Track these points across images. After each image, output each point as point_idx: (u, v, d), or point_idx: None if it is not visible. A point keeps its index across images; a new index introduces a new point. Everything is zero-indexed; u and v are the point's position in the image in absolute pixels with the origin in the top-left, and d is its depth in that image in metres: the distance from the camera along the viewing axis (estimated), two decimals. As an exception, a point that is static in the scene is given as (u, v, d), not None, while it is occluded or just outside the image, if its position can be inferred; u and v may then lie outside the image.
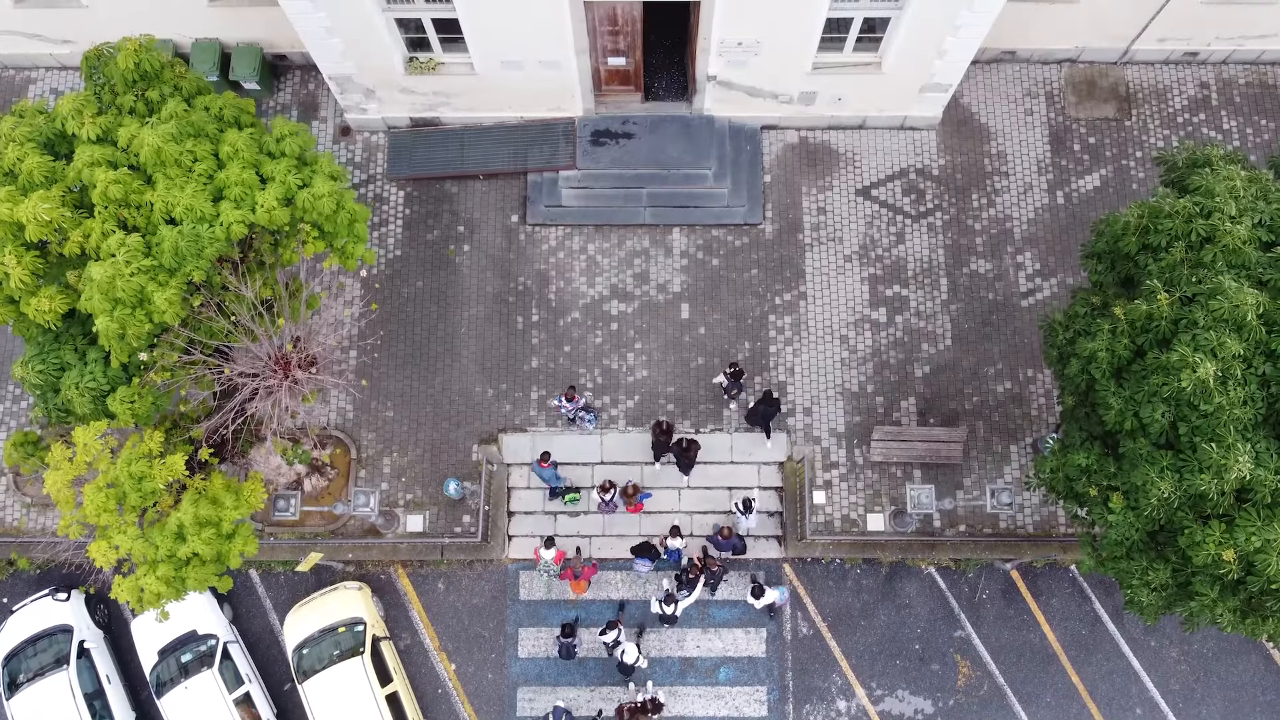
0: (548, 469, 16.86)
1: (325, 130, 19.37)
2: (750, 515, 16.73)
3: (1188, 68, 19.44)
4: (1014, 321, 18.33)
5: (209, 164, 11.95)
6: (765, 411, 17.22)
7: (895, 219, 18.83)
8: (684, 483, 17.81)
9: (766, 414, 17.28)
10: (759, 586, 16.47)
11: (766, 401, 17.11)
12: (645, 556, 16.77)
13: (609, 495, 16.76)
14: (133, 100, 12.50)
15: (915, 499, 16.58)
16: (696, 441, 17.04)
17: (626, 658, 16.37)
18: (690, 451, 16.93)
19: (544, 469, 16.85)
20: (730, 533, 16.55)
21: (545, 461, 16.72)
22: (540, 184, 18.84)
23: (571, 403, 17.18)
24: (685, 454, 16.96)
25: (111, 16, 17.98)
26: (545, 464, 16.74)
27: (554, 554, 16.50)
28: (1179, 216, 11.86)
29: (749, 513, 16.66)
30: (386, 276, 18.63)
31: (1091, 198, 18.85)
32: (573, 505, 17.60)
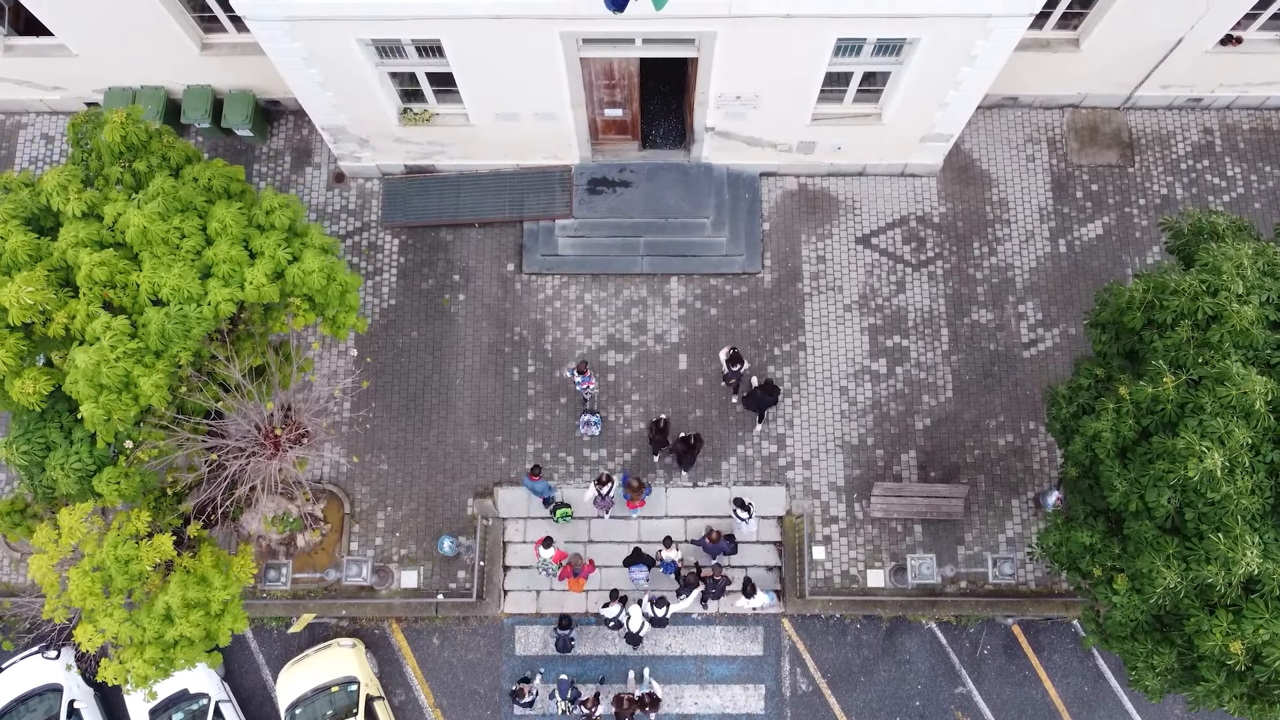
0: (539, 481, 16.66)
1: (319, 176, 19.14)
2: (750, 519, 16.51)
3: (1191, 113, 19.22)
4: (1015, 373, 18.12)
5: (197, 240, 11.73)
6: (763, 399, 17.10)
7: (895, 268, 18.61)
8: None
9: (764, 401, 17.16)
10: (750, 585, 16.07)
11: (766, 389, 16.97)
12: (640, 563, 16.50)
13: (606, 489, 16.49)
14: (119, 171, 12.31)
15: (916, 569, 16.37)
16: (701, 438, 16.92)
17: (632, 625, 16.13)
18: (696, 448, 16.81)
19: (535, 482, 16.62)
20: (719, 536, 16.30)
21: (536, 475, 16.50)
22: (536, 232, 18.62)
23: (584, 375, 16.92)
24: (691, 450, 16.78)
25: (103, 64, 17.80)
26: (536, 477, 16.53)
27: (553, 553, 16.30)
28: (1184, 294, 11.64)
29: (749, 517, 16.45)
30: (381, 326, 18.41)
31: (1094, 246, 18.63)
32: (565, 522, 17.36)
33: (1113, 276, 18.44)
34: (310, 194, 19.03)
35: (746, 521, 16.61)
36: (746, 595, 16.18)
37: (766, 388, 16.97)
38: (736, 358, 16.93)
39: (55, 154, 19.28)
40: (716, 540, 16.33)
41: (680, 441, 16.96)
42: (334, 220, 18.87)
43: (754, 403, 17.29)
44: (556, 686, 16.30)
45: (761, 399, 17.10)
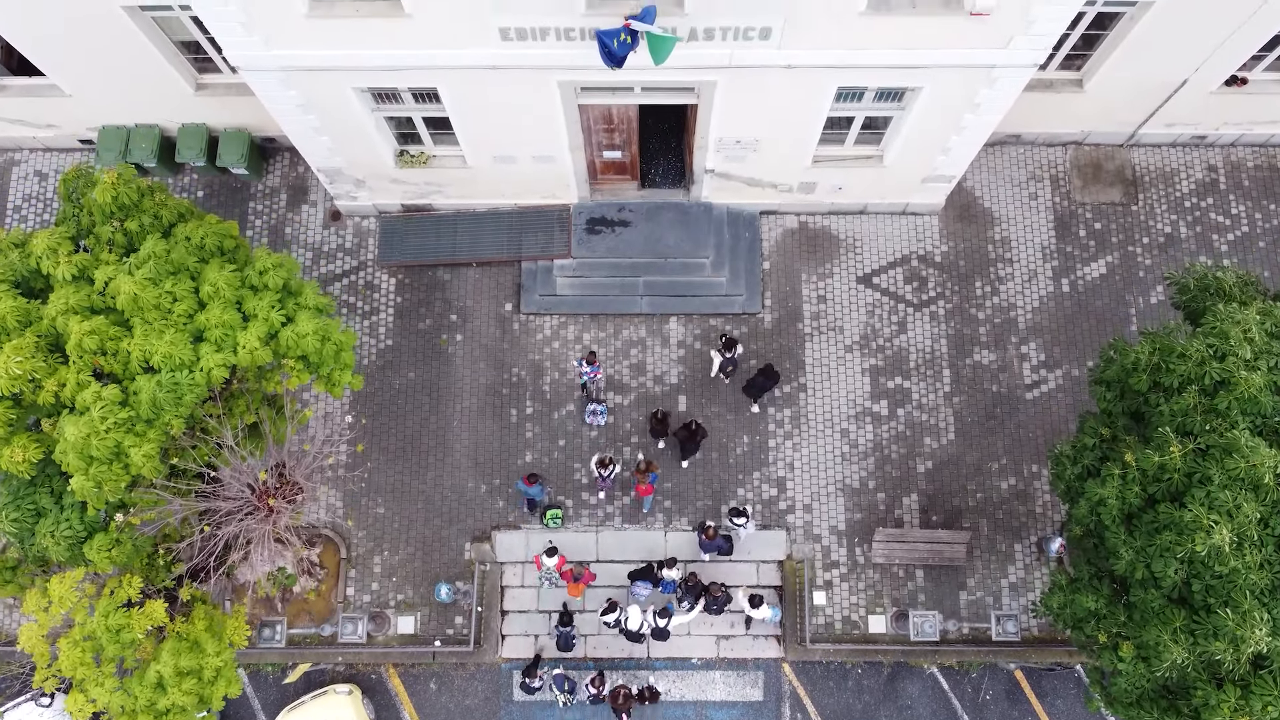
0: (534, 487, 16.57)
1: (315, 214, 18.96)
2: (748, 523, 16.46)
3: (1195, 150, 19.05)
4: (1018, 415, 17.95)
5: (189, 303, 11.55)
6: (763, 384, 17.08)
7: (897, 308, 18.44)
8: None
9: (764, 386, 17.13)
10: (757, 596, 15.88)
11: (766, 374, 16.93)
12: (645, 580, 16.38)
13: (608, 472, 16.43)
14: (111, 231, 12.12)
15: (918, 626, 16.19)
16: (704, 427, 16.90)
17: (630, 624, 16.02)
18: (698, 435, 16.72)
19: (530, 487, 16.54)
20: (715, 533, 16.24)
21: (532, 481, 16.46)
22: (535, 272, 18.44)
23: (592, 366, 16.88)
24: (693, 437, 16.71)
25: (96, 103, 17.61)
26: (532, 483, 16.48)
27: (556, 561, 16.16)
28: (1191, 360, 11.47)
29: (747, 520, 16.38)
30: (378, 367, 18.23)
31: (1097, 286, 18.46)
32: (554, 525, 17.19)
33: (1116, 317, 18.29)
34: (306, 232, 18.86)
35: (744, 527, 16.50)
36: (753, 606, 16.01)
37: (766, 372, 16.98)
38: (731, 343, 16.91)
39: (48, 191, 19.10)
40: (713, 537, 16.27)
41: (682, 428, 16.87)
42: (330, 259, 18.69)
43: (754, 389, 17.30)
44: (553, 680, 16.23)
45: (762, 384, 17.13)
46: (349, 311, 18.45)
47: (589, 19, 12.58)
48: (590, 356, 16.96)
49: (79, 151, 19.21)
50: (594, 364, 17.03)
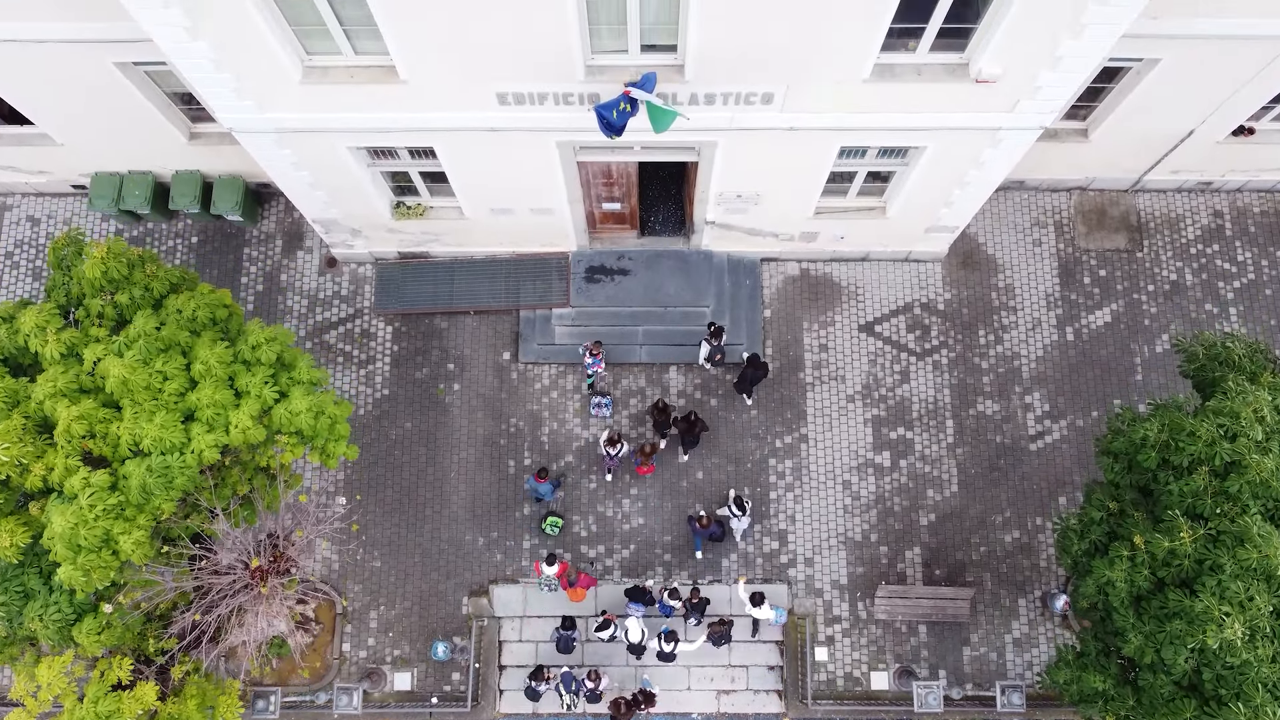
0: (545, 484, 16.53)
1: (311, 260, 18.73)
2: (745, 516, 16.45)
3: (1201, 195, 18.84)
4: (1022, 466, 17.74)
5: (180, 382, 11.34)
6: (753, 376, 17.01)
7: (899, 356, 18.23)
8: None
9: (755, 378, 17.09)
10: (759, 595, 15.75)
11: (754, 365, 16.88)
12: (639, 602, 16.30)
13: (616, 450, 16.36)
14: (101, 304, 11.90)
15: (922, 699, 15.97)
16: (703, 420, 16.83)
17: (631, 636, 15.94)
18: (696, 427, 16.62)
19: (540, 484, 16.51)
20: (709, 520, 16.23)
21: (542, 477, 16.40)
22: (533, 320, 18.22)
23: (594, 358, 16.82)
24: (692, 429, 16.60)
25: (87, 151, 17.39)
26: (542, 479, 16.43)
27: (557, 568, 16.07)
28: (1201, 440, 11.26)
29: (744, 513, 16.39)
30: (374, 417, 18.01)
31: (1102, 334, 18.25)
32: (552, 533, 17.04)
33: (1121, 366, 18.08)
34: (302, 278, 18.63)
35: (739, 519, 16.52)
36: (755, 604, 15.89)
37: (753, 363, 16.91)
38: (719, 331, 16.86)
39: (41, 237, 18.87)
40: (707, 525, 16.27)
41: (682, 420, 16.75)
42: (326, 306, 18.47)
43: (744, 383, 17.23)
44: (560, 680, 16.06)
45: (751, 376, 17.05)
46: (345, 360, 18.23)
47: (588, 85, 12.37)
48: (594, 346, 16.83)
49: (72, 196, 18.98)
50: (596, 355, 16.92)
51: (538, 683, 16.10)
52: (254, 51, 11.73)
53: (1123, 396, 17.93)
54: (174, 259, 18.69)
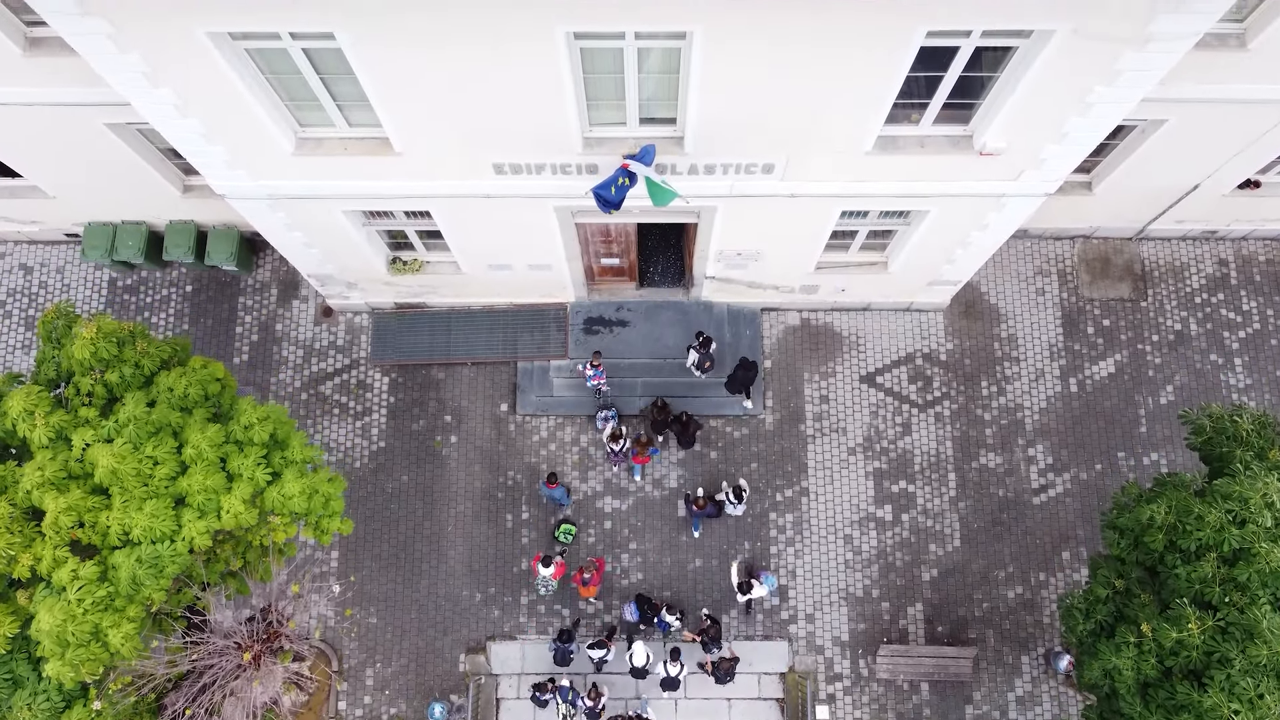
0: (557, 489, 16.66)
1: (306, 310, 18.53)
2: (741, 504, 16.68)
3: (1206, 244, 18.65)
4: (1025, 521, 17.55)
5: (171, 466, 11.13)
6: (744, 377, 17.04)
7: (901, 408, 18.03)
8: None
9: (746, 379, 17.10)
10: (747, 582, 15.96)
11: (744, 366, 16.90)
12: (638, 606, 16.36)
13: (619, 445, 16.55)
14: (90, 383, 11.69)
15: None
16: (695, 419, 16.91)
17: (636, 660, 15.85)
18: (690, 426, 16.71)
19: (553, 489, 16.63)
20: (705, 502, 16.40)
21: (553, 483, 16.49)
22: (531, 372, 18.03)
23: (595, 369, 16.81)
24: (685, 429, 16.74)
25: (80, 203, 17.21)
26: (553, 485, 16.52)
27: (553, 570, 16.02)
28: (1209, 526, 11.06)
29: (740, 503, 16.58)
30: (370, 470, 17.82)
31: (1106, 385, 18.06)
32: (565, 540, 17.02)
33: (1125, 418, 17.89)
34: (297, 328, 18.43)
35: (736, 506, 16.69)
36: (742, 592, 16.09)
37: (744, 364, 16.92)
38: (708, 341, 16.88)
39: (34, 285, 18.66)
40: (703, 506, 16.42)
41: (675, 420, 16.85)
42: (322, 356, 18.27)
43: (736, 385, 17.26)
44: (557, 692, 15.98)
45: (743, 378, 17.06)
46: (340, 412, 18.03)
47: (586, 157, 12.18)
48: (594, 358, 16.82)
49: (65, 244, 18.78)
50: (598, 366, 16.88)
51: (543, 692, 16.00)
52: (246, 127, 11.55)
53: (1127, 449, 17.74)
54: (168, 308, 18.50)
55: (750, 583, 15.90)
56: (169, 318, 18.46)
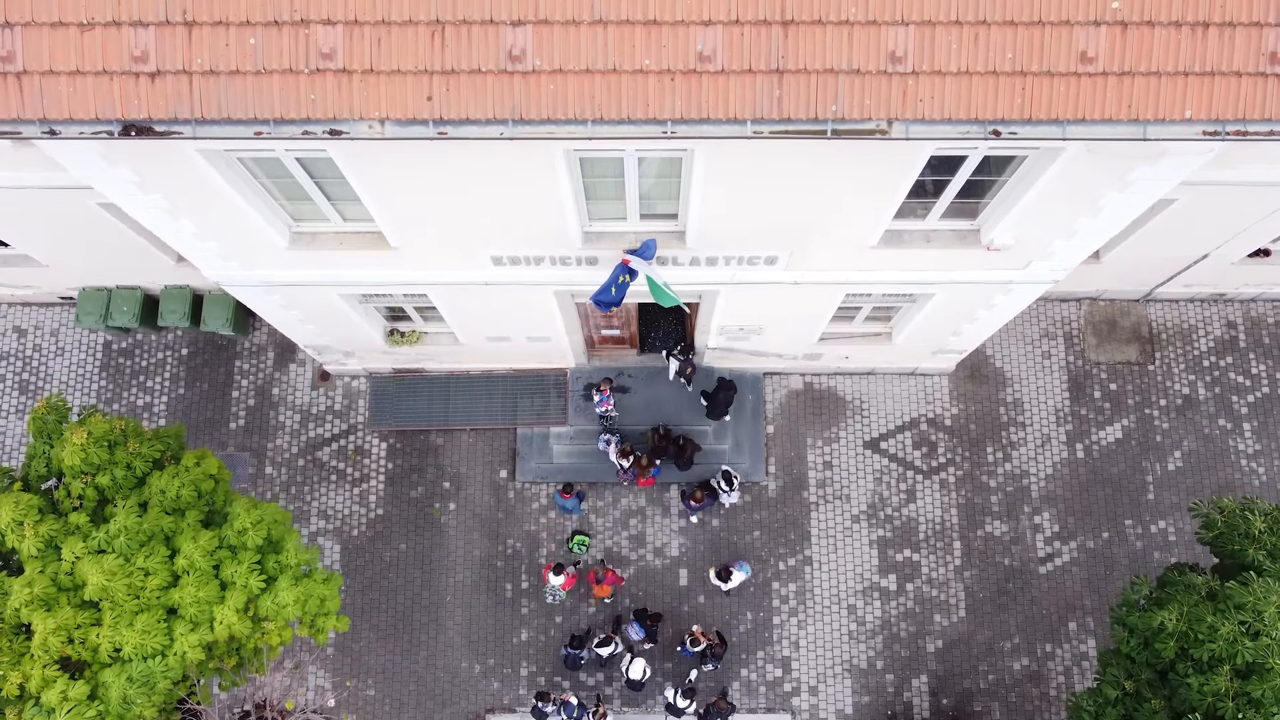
0: (570, 499, 16.63)
1: (303, 374, 18.33)
2: (734, 491, 16.64)
3: (1214, 305, 18.42)
4: (1031, 590, 17.33)
5: (163, 576, 10.92)
6: (726, 399, 16.92)
7: (906, 474, 17.81)
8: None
9: (727, 400, 16.98)
10: (725, 569, 16.12)
11: (724, 387, 16.82)
12: (639, 623, 16.27)
13: (628, 463, 16.51)
14: (81, 487, 11.48)
15: None
16: (695, 441, 16.87)
17: (633, 673, 15.78)
18: (687, 449, 16.70)
19: (566, 500, 16.63)
20: (702, 496, 16.47)
21: (568, 493, 16.51)
22: (531, 438, 17.81)
23: (602, 395, 16.71)
24: (682, 452, 16.73)
25: (73, 271, 17.00)
26: (568, 495, 16.54)
27: (563, 580, 15.96)
28: (1222, 639, 10.84)
29: (731, 489, 16.55)
30: (368, 539, 17.61)
31: (1113, 451, 17.83)
32: (580, 551, 16.82)
33: (1133, 485, 17.66)
34: (294, 393, 18.23)
35: (728, 493, 16.67)
36: (721, 580, 16.25)
37: (722, 385, 16.84)
38: (688, 348, 16.81)
39: (28, 349, 18.45)
40: (700, 501, 16.52)
41: (672, 443, 16.83)
42: (319, 422, 18.06)
43: (718, 408, 17.15)
44: (562, 707, 15.81)
45: (725, 399, 16.94)
46: (338, 478, 17.83)
47: (585, 250, 11.96)
48: (604, 384, 16.69)
49: (59, 307, 18.57)
50: (605, 392, 16.72)
51: (544, 703, 15.83)
52: (238, 226, 11.33)
53: (1134, 517, 17.52)
54: (164, 372, 18.29)
55: (729, 569, 16.11)
56: (164, 381, 18.26)
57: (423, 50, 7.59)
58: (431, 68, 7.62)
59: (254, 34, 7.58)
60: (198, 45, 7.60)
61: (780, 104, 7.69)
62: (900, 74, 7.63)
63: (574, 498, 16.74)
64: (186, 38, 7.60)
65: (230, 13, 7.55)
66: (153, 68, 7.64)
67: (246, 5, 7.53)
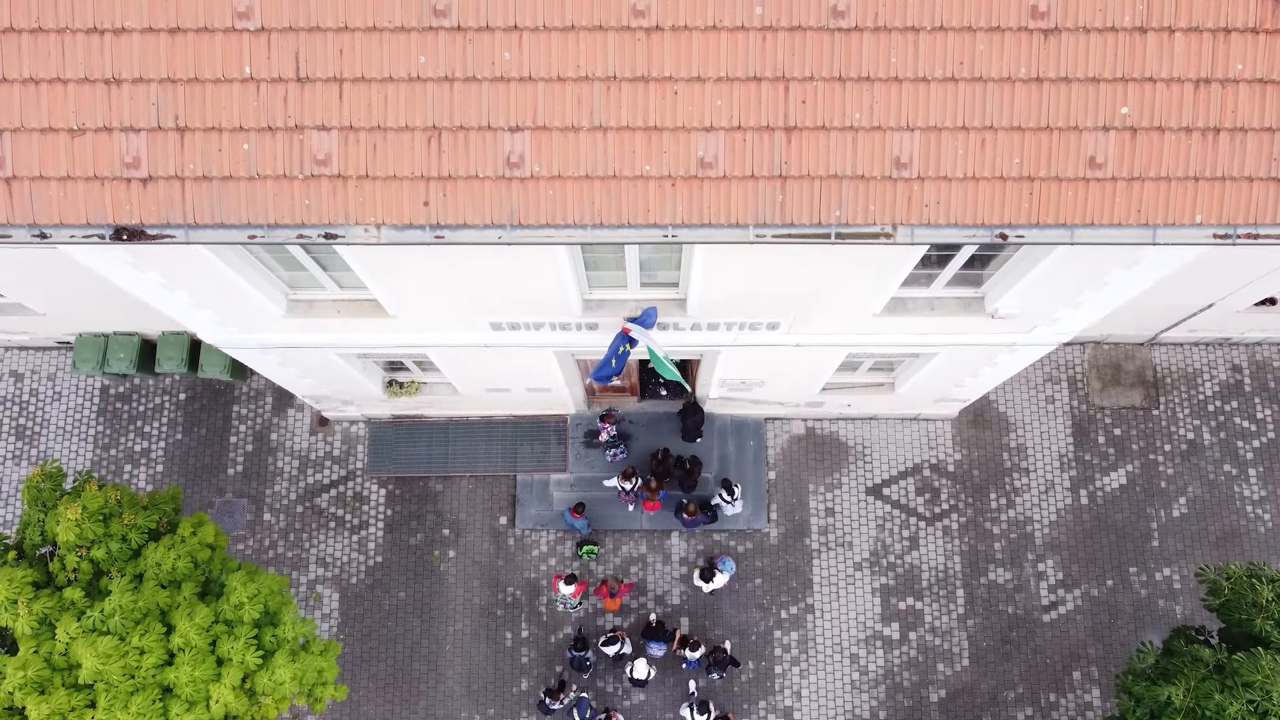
0: (580, 519, 16.67)
1: (302, 419, 18.20)
2: (736, 501, 16.55)
3: (1219, 349, 18.29)
4: (1035, 639, 17.20)
5: (159, 655, 10.79)
6: (695, 423, 16.96)
7: (908, 521, 17.68)
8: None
9: (697, 425, 17.03)
10: (708, 569, 16.09)
11: (691, 412, 16.82)
12: (659, 640, 16.15)
13: (631, 485, 16.48)
14: (76, 560, 11.36)
15: None
16: (700, 461, 16.86)
17: (637, 674, 15.81)
18: (693, 472, 16.70)
19: (576, 519, 16.64)
20: (696, 510, 16.39)
21: (579, 513, 16.56)
22: (531, 485, 17.69)
23: (605, 425, 16.84)
24: (689, 474, 16.71)
25: (69, 319, 16.89)
26: (578, 515, 16.57)
27: (574, 589, 15.95)
28: (1229, 717, 10.72)
29: (733, 500, 16.47)
30: (367, 586, 17.48)
31: (1117, 497, 17.70)
32: (589, 559, 17.01)
33: (1137, 532, 17.53)
34: (293, 438, 18.10)
35: (730, 504, 16.57)
36: (704, 580, 16.15)
37: (689, 409, 16.87)
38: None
39: (24, 393, 18.32)
40: (694, 515, 16.43)
41: (677, 465, 16.85)
42: (317, 468, 17.94)
43: (689, 432, 17.21)
44: (575, 705, 15.86)
45: (694, 425, 16.97)
46: (337, 525, 17.70)
47: (585, 317, 11.83)
48: (608, 416, 16.79)
49: (56, 351, 18.45)
50: (611, 421, 16.83)
51: (552, 700, 15.80)
52: (234, 298, 11.21)
53: (1139, 564, 17.39)
54: (161, 417, 18.16)
55: (712, 569, 16.05)
56: (162, 427, 18.13)
57: (419, 156, 7.47)
58: (428, 173, 7.51)
59: (247, 139, 7.46)
60: (190, 150, 7.48)
61: (783, 209, 7.57)
62: (905, 179, 7.51)
63: (583, 519, 16.75)
64: (179, 143, 7.48)
65: (223, 118, 7.44)
66: (145, 173, 7.52)
67: (240, 110, 7.42)
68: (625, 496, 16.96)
